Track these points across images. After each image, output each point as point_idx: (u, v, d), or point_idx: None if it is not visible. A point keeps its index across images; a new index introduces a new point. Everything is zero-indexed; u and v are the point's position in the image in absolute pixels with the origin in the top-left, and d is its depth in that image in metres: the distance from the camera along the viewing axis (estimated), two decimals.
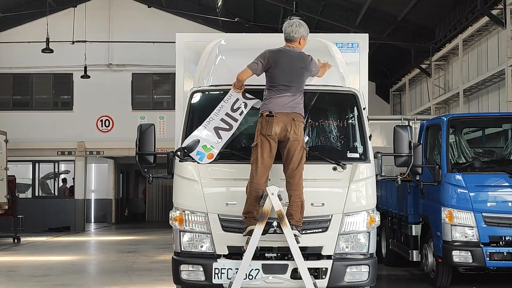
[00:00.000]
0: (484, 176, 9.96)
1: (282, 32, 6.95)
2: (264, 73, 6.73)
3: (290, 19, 7.15)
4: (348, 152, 7.14)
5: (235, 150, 6.94)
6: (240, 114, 6.89)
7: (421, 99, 24.34)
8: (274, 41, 7.17)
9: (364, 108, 7.17)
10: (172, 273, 6.97)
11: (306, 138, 6.82)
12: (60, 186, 26.62)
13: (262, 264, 6.61)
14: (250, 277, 6.57)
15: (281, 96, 6.59)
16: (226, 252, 6.73)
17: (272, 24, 23.76)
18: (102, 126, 25.93)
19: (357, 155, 7.04)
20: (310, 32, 7.01)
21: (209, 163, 6.78)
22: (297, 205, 6.47)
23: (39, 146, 25.11)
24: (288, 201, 6.52)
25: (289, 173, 6.53)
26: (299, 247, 6.45)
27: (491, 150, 11.90)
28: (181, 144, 6.89)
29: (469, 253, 9.61)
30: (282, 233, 6.42)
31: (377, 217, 6.93)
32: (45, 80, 26.18)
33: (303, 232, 6.54)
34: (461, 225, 9.69)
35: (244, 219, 6.51)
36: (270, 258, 6.71)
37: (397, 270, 12.56)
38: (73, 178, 26.46)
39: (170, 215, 6.96)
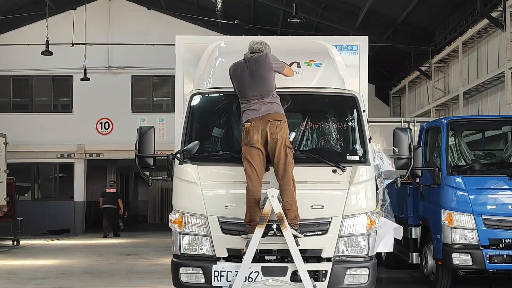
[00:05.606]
0: (484, 178, 9.94)
1: (282, 34, 6.97)
2: None
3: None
4: (348, 154, 7.14)
5: (235, 153, 6.93)
6: None
7: (421, 101, 24.33)
8: (273, 43, 7.16)
9: (364, 111, 7.17)
10: (171, 276, 6.96)
11: (293, 135, 6.81)
12: None
13: (262, 267, 6.61)
14: (250, 279, 6.56)
15: (254, 105, 6.66)
16: (226, 255, 6.72)
17: (271, 26, 23.73)
18: (101, 129, 25.90)
19: (356, 158, 7.04)
20: (309, 35, 7.02)
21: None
22: (291, 203, 6.49)
23: (39, 148, 25.12)
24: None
25: (278, 173, 6.55)
26: (299, 249, 6.45)
27: (491, 153, 11.88)
28: (181, 147, 6.89)
29: (469, 256, 9.60)
30: (282, 235, 6.42)
31: (377, 220, 6.92)
32: (44, 82, 26.18)
33: (304, 234, 6.54)
34: (461, 228, 9.67)
35: (249, 227, 6.51)
36: (270, 261, 6.70)
37: (397, 272, 12.55)
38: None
39: (169, 217, 6.96)
